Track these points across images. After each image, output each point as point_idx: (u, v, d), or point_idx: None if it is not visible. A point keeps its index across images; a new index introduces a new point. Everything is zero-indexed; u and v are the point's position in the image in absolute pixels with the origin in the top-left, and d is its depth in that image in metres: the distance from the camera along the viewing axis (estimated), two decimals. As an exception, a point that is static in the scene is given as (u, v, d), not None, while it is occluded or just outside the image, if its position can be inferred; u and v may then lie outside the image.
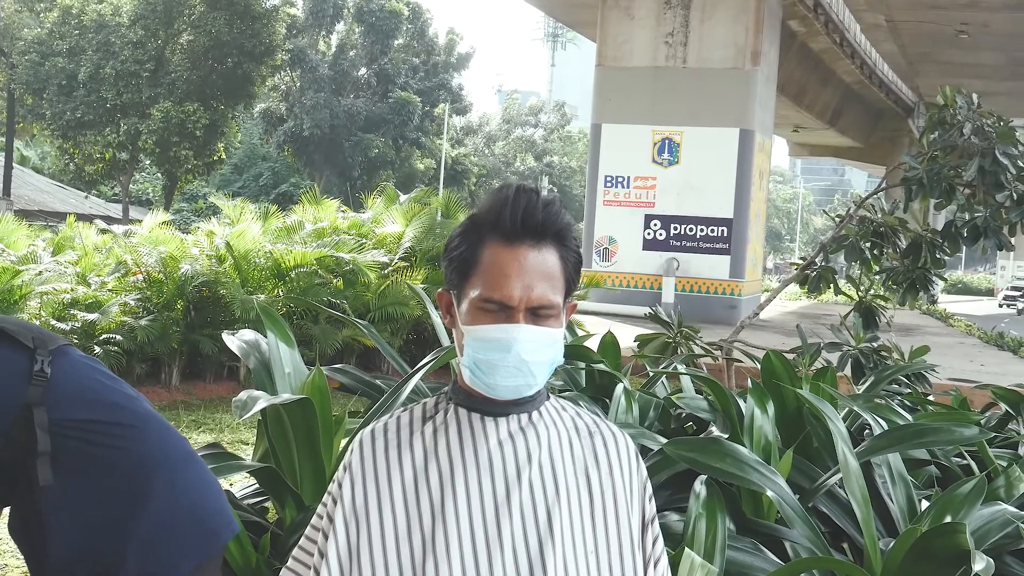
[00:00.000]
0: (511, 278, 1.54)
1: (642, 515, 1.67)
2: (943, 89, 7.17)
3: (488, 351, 1.55)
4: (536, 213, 1.57)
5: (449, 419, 1.62)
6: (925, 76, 35.71)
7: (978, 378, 8.26)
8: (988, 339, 21.93)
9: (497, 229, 1.58)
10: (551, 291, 1.56)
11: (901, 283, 7.00)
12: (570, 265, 1.60)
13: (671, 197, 22.12)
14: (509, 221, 1.57)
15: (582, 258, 1.64)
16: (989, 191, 6.73)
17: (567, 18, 30.94)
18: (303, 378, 3.34)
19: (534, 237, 1.57)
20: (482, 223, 1.60)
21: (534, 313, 1.55)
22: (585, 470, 1.62)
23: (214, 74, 31.70)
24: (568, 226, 1.60)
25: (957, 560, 2.47)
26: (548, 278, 1.56)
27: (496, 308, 1.55)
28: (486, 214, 1.60)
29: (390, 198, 13.65)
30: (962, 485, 3.09)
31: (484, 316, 1.56)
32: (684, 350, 6.39)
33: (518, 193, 1.59)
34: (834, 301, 25.52)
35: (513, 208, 1.57)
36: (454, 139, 52.09)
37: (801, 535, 2.90)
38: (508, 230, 1.57)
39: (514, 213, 1.57)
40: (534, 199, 1.58)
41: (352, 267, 10.72)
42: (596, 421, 1.71)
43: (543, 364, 1.57)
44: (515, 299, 1.54)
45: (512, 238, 1.56)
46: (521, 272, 1.55)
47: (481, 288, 1.56)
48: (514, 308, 1.54)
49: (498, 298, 1.54)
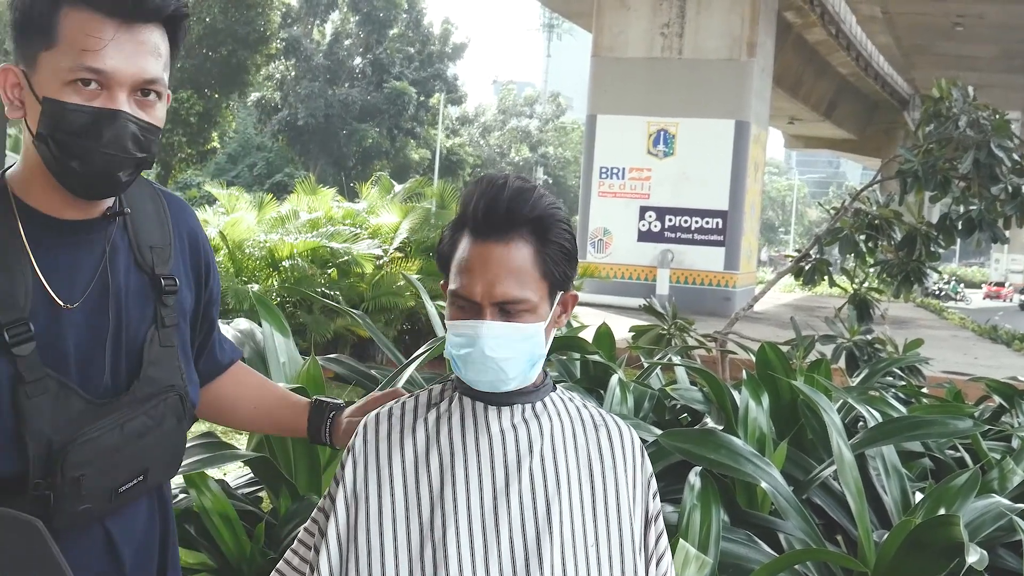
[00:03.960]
0: (473, 274, 1.53)
1: (645, 511, 1.66)
2: (938, 82, 7.18)
3: (459, 346, 1.54)
4: (499, 206, 1.53)
5: (453, 407, 1.61)
6: (920, 68, 35.74)
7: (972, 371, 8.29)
8: (982, 332, 21.97)
9: (467, 223, 1.56)
10: (517, 287, 1.52)
11: (896, 276, 7.02)
12: (549, 257, 1.56)
13: (666, 189, 22.10)
14: (471, 216, 1.55)
15: (573, 247, 1.60)
16: (984, 184, 6.74)
17: (563, 8, 30.89)
18: (298, 368, 3.33)
19: (500, 231, 1.53)
20: (460, 216, 1.58)
21: (503, 309, 1.53)
22: (588, 462, 1.61)
23: (208, 62, 31.68)
24: (544, 216, 1.55)
25: (951, 552, 2.47)
26: (515, 274, 1.53)
27: (465, 304, 1.54)
28: (462, 207, 1.58)
29: (385, 188, 13.62)
30: (956, 478, 3.10)
31: (457, 311, 1.56)
32: (679, 342, 6.39)
33: (485, 186, 1.56)
34: (828, 294, 25.56)
35: (478, 201, 1.54)
36: (449, 129, 52.05)
37: (795, 527, 2.90)
38: (473, 225, 1.55)
39: (476, 207, 1.54)
40: (500, 191, 1.54)
41: (347, 257, 10.70)
42: (602, 414, 1.69)
43: (513, 360, 1.54)
44: (477, 295, 1.52)
45: (478, 233, 1.54)
46: (484, 268, 1.52)
47: (453, 283, 1.56)
48: (479, 304, 1.53)
49: (463, 294, 1.54)
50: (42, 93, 1.50)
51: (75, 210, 1.60)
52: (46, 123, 1.50)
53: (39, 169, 1.55)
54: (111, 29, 1.49)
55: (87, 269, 1.62)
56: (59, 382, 1.56)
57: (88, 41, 1.48)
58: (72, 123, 1.49)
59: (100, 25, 1.48)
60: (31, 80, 1.52)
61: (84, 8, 1.48)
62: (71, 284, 1.60)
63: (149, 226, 1.72)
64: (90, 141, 1.49)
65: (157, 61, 1.54)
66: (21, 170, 1.60)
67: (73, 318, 1.60)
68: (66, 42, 1.49)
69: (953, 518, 2.56)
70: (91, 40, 1.48)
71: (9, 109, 1.55)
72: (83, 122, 1.49)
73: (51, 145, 1.50)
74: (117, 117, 1.50)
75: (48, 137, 1.50)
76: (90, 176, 1.52)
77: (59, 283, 1.59)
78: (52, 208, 1.58)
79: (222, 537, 2.62)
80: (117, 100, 1.50)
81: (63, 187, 1.54)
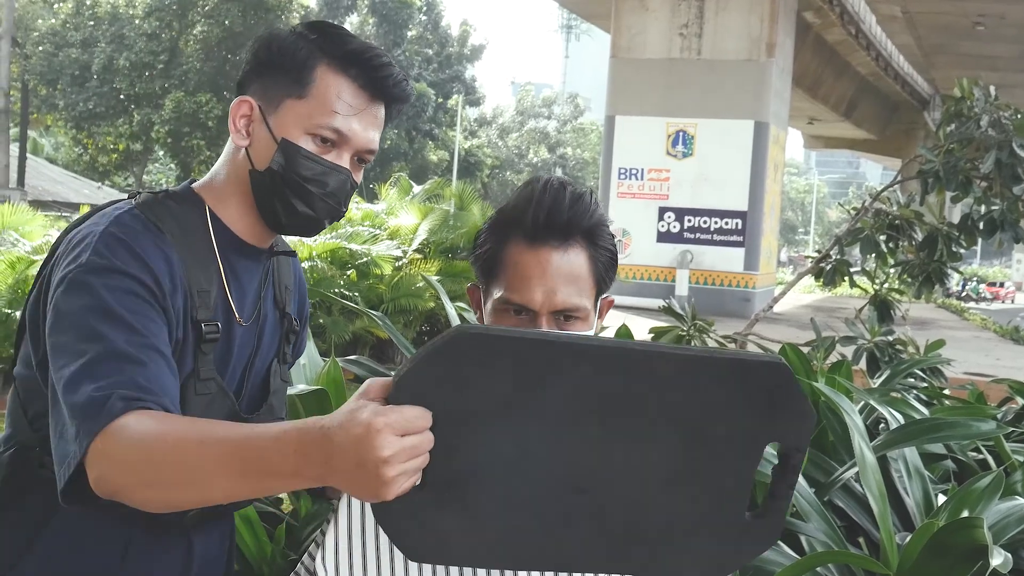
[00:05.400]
0: (532, 281, 1.48)
1: None
2: (960, 81, 7.14)
3: None
4: (562, 211, 1.49)
5: None
6: (941, 68, 35.53)
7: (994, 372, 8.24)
8: (1004, 333, 21.83)
9: (521, 228, 1.51)
10: (576, 294, 1.50)
11: (917, 276, 6.98)
12: (601, 264, 1.54)
13: (685, 189, 22.05)
14: (531, 220, 1.50)
15: (616, 253, 1.58)
16: (1006, 184, 6.70)
17: (581, 9, 30.86)
18: (318, 369, 3.33)
19: (559, 237, 1.50)
20: (508, 220, 1.54)
21: (558, 317, 1.50)
22: None
23: (227, 65, 31.77)
24: (599, 223, 1.53)
25: (974, 555, 2.46)
26: (573, 281, 1.49)
27: (518, 311, 1.50)
28: (512, 211, 1.53)
29: (404, 189, 13.65)
30: (979, 480, 3.07)
31: (507, 318, 1.51)
32: (698, 343, 6.37)
33: (544, 189, 1.52)
34: (849, 294, 25.43)
35: (538, 206, 1.50)
36: (467, 131, 52.07)
37: (817, 529, 2.88)
38: (531, 230, 1.50)
39: (538, 212, 1.49)
40: (562, 195, 1.51)
41: (366, 259, 10.73)
42: None
43: None
44: (537, 303, 1.48)
45: (535, 238, 1.50)
46: (544, 276, 1.48)
47: (503, 290, 1.51)
48: (536, 312, 1.48)
49: (519, 301, 1.49)
50: (280, 134, 1.63)
51: (255, 238, 1.73)
52: (279, 162, 1.63)
53: (243, 195, 1.69)
54: (363, 101, 1.64)
55: (252, 292, 1.74)
56: (220, 386, 1.65)
57: (340, 105, 1.62)
58: (305, 168, 1.62)
59: (355, 95, 1.64)
60: (268, 118, 1.64)
61: (342, 74, 1.63)
62: (241, 302, 1.71)
63: (283, 268, 1.87)
64: (316, 188, 1.64)
65: (377, 133, 1.69)
66: (217, 189, 1.72)
67: (240, 332, 1.71)
68: (318, 98, 1.62)
69: (977, 520, 2.54)
70: (344, 106, 1.62)
71: (235, 136, 1.67)
72: (316, 171, 1.63)
73: (277, 181, 1.63)
74: (342, 173, 1.66)
75: (278, 174, 1.63)
76: (304, 217, 1.66)
77: (236, 298, 1.70)
78: (241, 230, 1.71)
79: (243, 539, 2.63)
80: (343, 159, 1.66)
81: (262, 216, 1.69)
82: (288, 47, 1.65)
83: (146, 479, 1.28)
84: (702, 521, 1.18)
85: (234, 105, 1.68)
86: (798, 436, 1.17)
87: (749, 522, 1.20)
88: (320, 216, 1.68)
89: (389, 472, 1.03)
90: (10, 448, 1.65)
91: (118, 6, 31.41)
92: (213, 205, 1.70)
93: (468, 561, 1.20)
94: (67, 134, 33.79)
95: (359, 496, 1.08)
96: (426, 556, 1.15)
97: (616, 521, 1.16)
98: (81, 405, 1.36)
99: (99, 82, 30.75)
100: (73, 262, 1.51)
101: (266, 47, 1.68)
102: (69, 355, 1.42)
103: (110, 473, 1.30)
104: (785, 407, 1.14)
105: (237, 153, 1.69)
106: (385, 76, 1.66)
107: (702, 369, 1.10)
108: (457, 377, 1.06)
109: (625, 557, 1.18)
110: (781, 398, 1.14)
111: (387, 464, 1.03)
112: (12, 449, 1.64)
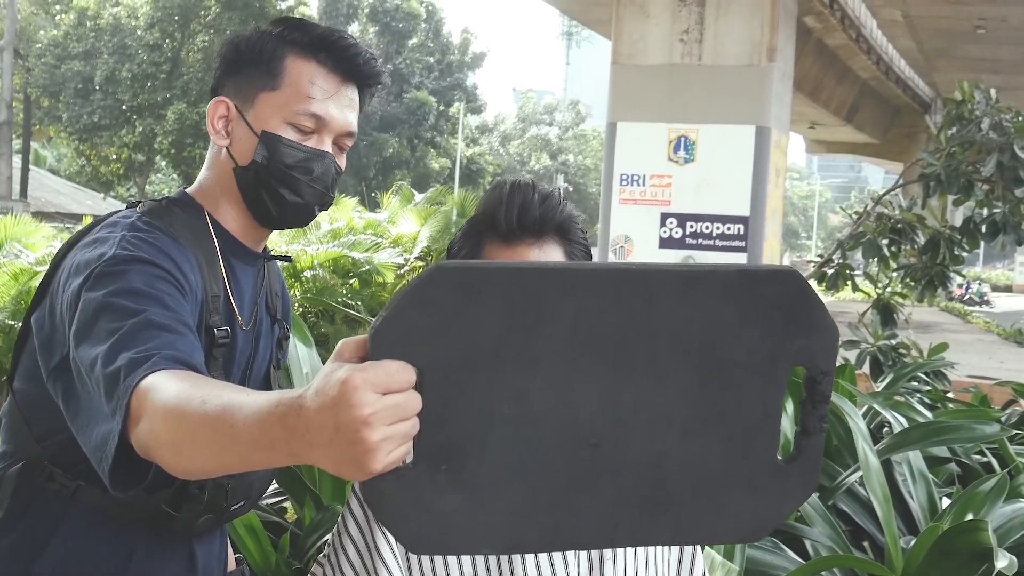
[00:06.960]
0: None
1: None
2: (961, 84, 7.14)
3: None
4: (533, 209, 1.52)
5: None
6: (942, 72, 35.50)
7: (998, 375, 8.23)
8: (1007, 336, 21.80)
9: (495, 229, 1.54)
10: None
11: (919, 280, 6.98)
12: (576, 258, 1.56)
13: (687, 195, 22.02)
14: (504, 220, 1.53)
15: (589, 250, 1.59)
16: (1008, 186, 6.70)
17: (582, 16, 30.85)
18: (321, 378, 3.34)
19: (533, 234, 1.53)
20: (481, 223, 1.57)
21: None
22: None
23: (229, 75, 31.81)
24: (570, 218, 1.56)
25: (979, 558, 2.46)
26: None
27: None
28: (483, 214, 1.56)
29: (406, 197, 13.68)
30: (983, 483, 3.07)
31: None
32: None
33: (513, 190, 1.55)
34: (851, 298, 25.41)
35: (508, 206, 1.53)
36: (469, 138, 52.12)
37: (821, 533, 2.88)
38: (504, 230, 1.53)
39: (509, 211, 1.53)
40: (530, 194, 1.54)
41: (368, 267, 10.74)
42: None
43: None
44: None
45: (509, 238, 1.53)
46: None
47: None
48: None
49: None
50: (259, 127, 1.65)
51: (250, 240, 1.75)
52: (262, 153, 1.64)
53: (233, 196, 1.70)
54: (335, 84, 1.67)
55: (249, 296, 1.75)
56: None
57: (314, 90, 1.65)
58: (288, 157, 1.64)
59: (327, 79, 1.67)
60: (245, 114, 1.67)
61: (311, 60, 1.66)
62: (242, 306, 1.72)
63: (273, 275, 1.87)
64: (302, 175, 1.65)
65: (355, 116, 1.72)
66: (208, 193, 1.72)
67: (240, 337, 1.71)
68: (291, 87, 1.65)
69: (981, 523, 2.54)
70: (317, 90, 1.66)
71: (215, 137, 1.70)
72: (299, 158, 1.65)
73: (262, 174, 1.65)
74: (325, 158, 1.68)
75: (262, 166, 1.65)
76: (293, 205, 1.68)
77: (237, 302, 1.70)
78: (237, 231, 1.72)
79: (247, 548, 2.63)
80: (325, 144, 1.68)
81: (253, 215, 1.71)
82: (255, 43, 1.68)
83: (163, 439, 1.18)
84: (733, 471, 1.05)
85: (210, 107, 1.70)
86: (823, 355, 1.06)
87: (783, 467, 1.07)
88: (309, 203, 1.69)
89: (372, 436, 0.87)
90: (13, 463, 1.63)
91: (120, 18, 31.45)
92: (210, 210, 1.71)
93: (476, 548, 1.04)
94: (70, 145, 33.83)
95: (344, 473, 0.93)
96: (430, 547, 1.00)
97: (637, 480, 1.02)
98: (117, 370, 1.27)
99: (101, 93, 30.78)
100: (97, 260, 1.48)
101: (234, 47, 1.71)
102: (102, 335, 1.35)
103: (152, 426, 1.20)
104: (804, 322, 1.04)
105: (219, 154, 1.70)
106: (353, 55, 1.68)
107: (706, 284, 1.00)
108: (440, 322, 0.94)
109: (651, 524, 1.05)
110: (798, 312, 1.04)
111: (367, 425, 0.87)
112: (19, 464, 1.62)
